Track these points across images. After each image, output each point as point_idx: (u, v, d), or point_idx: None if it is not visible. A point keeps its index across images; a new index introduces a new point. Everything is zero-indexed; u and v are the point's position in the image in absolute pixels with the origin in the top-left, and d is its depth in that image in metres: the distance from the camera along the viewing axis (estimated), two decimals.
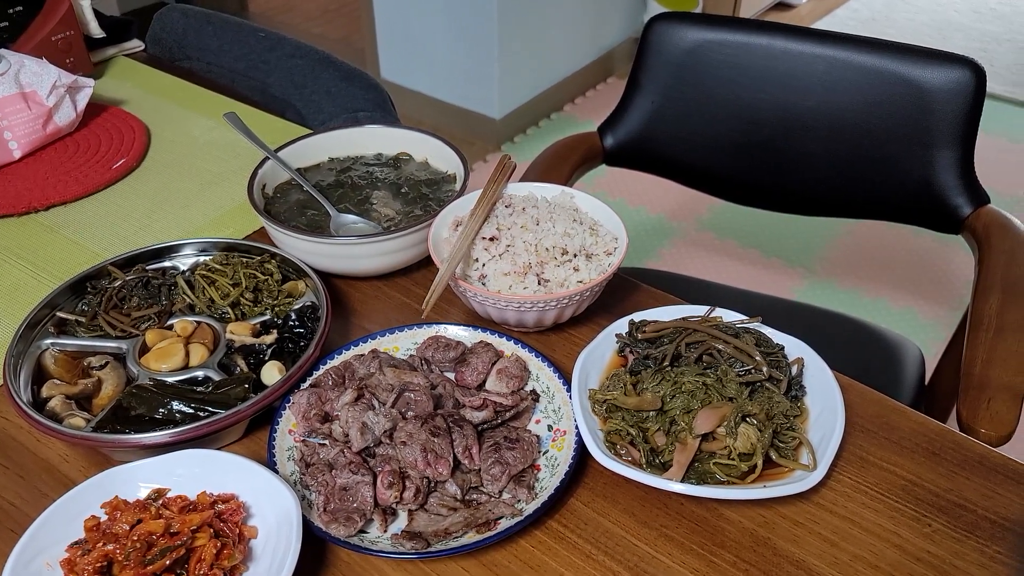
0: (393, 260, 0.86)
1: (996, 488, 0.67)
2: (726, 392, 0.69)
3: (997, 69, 3.25)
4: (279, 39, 1.38)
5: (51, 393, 0.72)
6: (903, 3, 3.84)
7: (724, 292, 1.37)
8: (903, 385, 1.14)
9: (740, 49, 1.21)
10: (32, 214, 1.00)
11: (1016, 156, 2.77)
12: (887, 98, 1.13)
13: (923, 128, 1.12)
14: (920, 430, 0.72)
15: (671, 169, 1.33)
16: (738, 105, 1.23)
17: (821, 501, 0.66)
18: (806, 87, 1.18)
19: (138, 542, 0.57)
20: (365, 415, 0.68)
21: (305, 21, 3.81)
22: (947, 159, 1.12)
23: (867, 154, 1.17)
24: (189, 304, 0.81)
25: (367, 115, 1.29)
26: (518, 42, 2.74)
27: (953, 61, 1.09)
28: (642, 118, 1.28)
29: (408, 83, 2.99)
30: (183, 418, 0.69)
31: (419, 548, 0.60)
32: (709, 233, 2.43)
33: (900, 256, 2.33)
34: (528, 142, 2.92)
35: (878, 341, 1.23)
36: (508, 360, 0.75)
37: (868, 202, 1.22)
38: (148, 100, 1.25)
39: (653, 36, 1.25)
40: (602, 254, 0.81)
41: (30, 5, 1.22)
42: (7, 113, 1.05)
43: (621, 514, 0.65)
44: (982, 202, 1.12)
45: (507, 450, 0.67)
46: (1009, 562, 0.62)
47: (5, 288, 0.89)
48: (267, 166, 0.93)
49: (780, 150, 1.23)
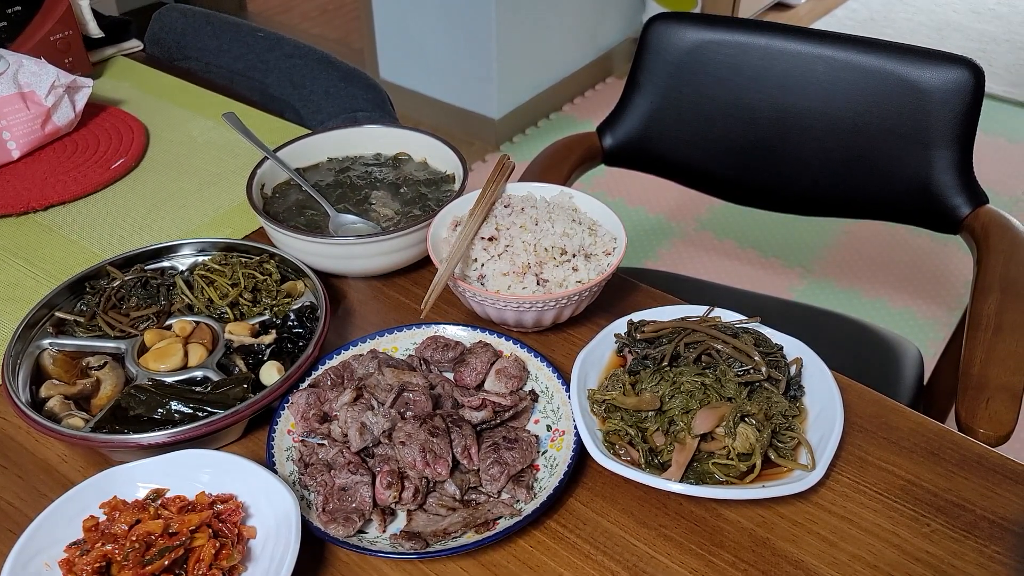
0: (392, 260, 0.86)
1: (995, 488, 0.67)
2: (725, 392, 0.69)
3: (996, 69, 3.25)
4: (278, 39, 1.38)
5: (50, 393, 0.72)
6: (901, 3, 3.85)
7: (723, 292, 1.37)
8: (902, 385, 1.14)
9: (739, 49, 1.20)
10: (31, 214, 1.00)
11: (1015, 156, 2.77)
12: (886, 98, 1.13)
13: (922, 128, 1.12)
14: (919, 430, 0.72)
15: (670, 169, 1.32)
16: (737, 105, 1.23)
17: (820, 501, 0.66)
18: (805, 87, 1.18)
19: (137, 542, 0.57)
20: (364, 415, 0.68)
21: (304, 21, 3.81)
22: (946, 159, 1.12)
23: (865, 154, 1.17)
24: (188, 304, 0.81)
25: (366, 115, 1.29)
26: (517, 42, 2.74)
27: (952, 61, 1.09)
28: (641, 118, 1.28)
29: (407, 83, 2.99)
30: (182, 418, 0.68)
31: (418, 548, 0.60)
32: (708, 233, 2.43)
33: (899, 256, 2.33)
34: (527, 142, 2.92)
35: (877, 341, 1.23)
36: (507, 360, 0.75)
37: (866, 202, 1.22)
38: (147, 100, 1.25)
39: (652, 36, 1.25)
40: (601, 254, 0.81)
41: (29, 5, 1.22)
42: (5, 113, 1.05)
43: (620, 514, 0.65)
44: (981, 202, 1.12)
45: (506, 450, 0.67)
46: (1008, 562, 0.62)
47: (4, 288, 0.89)
48: (266, 166, 0.93)
49: (778, 150, 1.23)
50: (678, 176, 1.33)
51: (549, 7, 2.81)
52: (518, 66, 2.81)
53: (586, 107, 3.11)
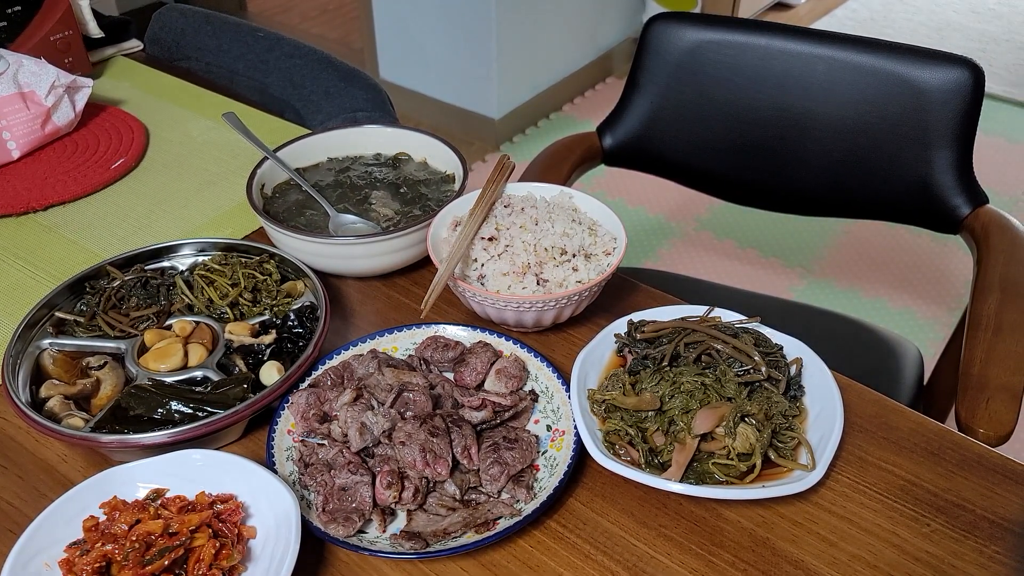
0: (392, 260, 0.86)
1: (995, 488, 0.67)
2: (725, 392, 0.69)
3: (996, 69, 3.25)
4: (278, 39, 1.38)
5: (50, 393, 0.72)
6: (901, 3, 3.85)
7: (723, 292, 1.37)
8: (902, 385, 1.14)
9: (738, 49, 1.20)
10: (31, 214, 1.00)
11: (1015, 156, 2.77)
12: (885, 98, 1.13)
13: (921, 128, 1.12)
14: (919, 430, 0.72)
15: (670, 169, 1.33)
16: (736, 105, 1.23)
17: (820, 501, 0.66)
18: (804, 87, 1.18)
19: (137, 542, 0.57)
20: (364, 415, 0.68)
21: (304, 21, 3.81)
22: (945, 159, 1.12)
23: (865, 154, 1.17)
24: (188, 304, 0.81)
25: (366, 115, 1.29)
26: (517, 42, 2.74)
27: (951, 61, 1.09)
28: (641, 118, 1.28)
29: (407, 83, 2.99)
30: (182, 418, 0.68)
31: (418, 548, 0.60)
32: (708, 233, 2.43)
33: (898, 256, 2.33)
34: (527, 142, 2.92)
35: (877, 341, 1.23)
36: (507, 360, 0.75)
37: (866, 202, 1.22)
38: (147, 100, 1.25)
39: (652, 36, 1.25)
40: (601, 254, 0.81)
41: (29, 5, 1.22)
42: (5, 113, 1.05)
43: (620, 514, 0.65)
44: (980, 202, 1.12)
45: (506, 450, 0.67)
46: (1008, 562, 0.62)
47: (3, 288, 0.89)
48: (266, 166, 0.93)
49: (778, 150, 1.23)
50: (678, 176, 1.33)
51: (549, 7, 2.81)
52: (518, 66, 2.81)
53: (586, 107, 3.11)
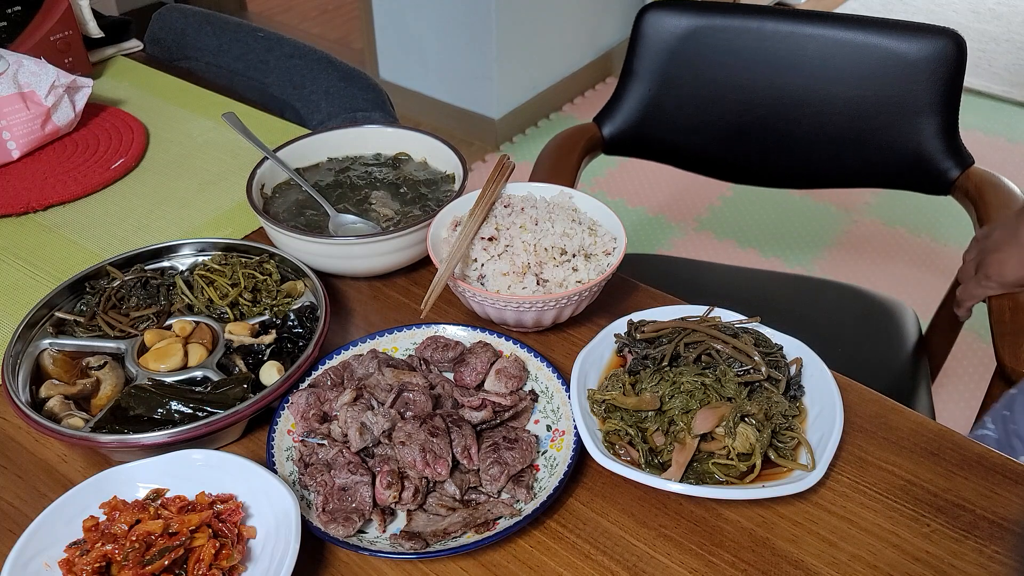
0: (392, 260, 0.86)
1: (995, 488, 0.67)
2: (725, 392, 0.69)
3: (996, 69, 3.25)
4: (278, 39, 1.38)
5: (50, 393, 0.72)
6: (901, 3, 3.85)
7: (724, 272, 1.37)
8: (903, 340, 1.20)
9: (732, 33, 1.24)
10: (31, 214, 1.00)
11: (1015, 156, 2.77)
12: (874, 71, 1.19)
13: (909, 97, 1.18)
14: (919, 430, 0.72)
15: (669, 154, 1.35)
16: (732, 87, 1.26)
17: (820, 501, 0.66)
18: (797, 66, 1.22)
19: (137, 542, 0.57)
20: (364, 415, 0.68)
21: (304, 21, 3.82)
22: (934, 125, 1.19)
23: (858, 125, 1.23)
24: (188, 304, 0.81)
25: (366, 115, 1.29)
26: (517, 42, 2.75)
27: (935, 33, 1.15)
28: (638, 105, 1.30)
29: (407, 83, 2.99)
30: (182, 418, 0.68)
31: (418, 548, 0.60)
32: (708, 233, 2.43)
33: (899, 256, 2.33)
34: (527, 142, 2.92)
35: (876, 304, 1.30)
36: (507, 360, 0.75)
37: (861, 171, 1.27)
38: (147, 100, 1.25)
39: (645, 24, 1.27)
40: (601, 254, 0.81)
41: (28, 5, 1.22)
42: (5, 113, 1.05)
43: (620, 514, 0.65)
44: (967, 164, 1.19)
45: (506, 450, 0.67)
46: (1007, 562, 0.62)
47: (3, 288, 0.89)
48: (266, 166, 0.93)
49: (774, 127, 1.28)
50: (677, 160, 1.36)
51: (549, 7, 2.81)
52: (518, 66, 2.81)
53: (586, 107, 3.11)
